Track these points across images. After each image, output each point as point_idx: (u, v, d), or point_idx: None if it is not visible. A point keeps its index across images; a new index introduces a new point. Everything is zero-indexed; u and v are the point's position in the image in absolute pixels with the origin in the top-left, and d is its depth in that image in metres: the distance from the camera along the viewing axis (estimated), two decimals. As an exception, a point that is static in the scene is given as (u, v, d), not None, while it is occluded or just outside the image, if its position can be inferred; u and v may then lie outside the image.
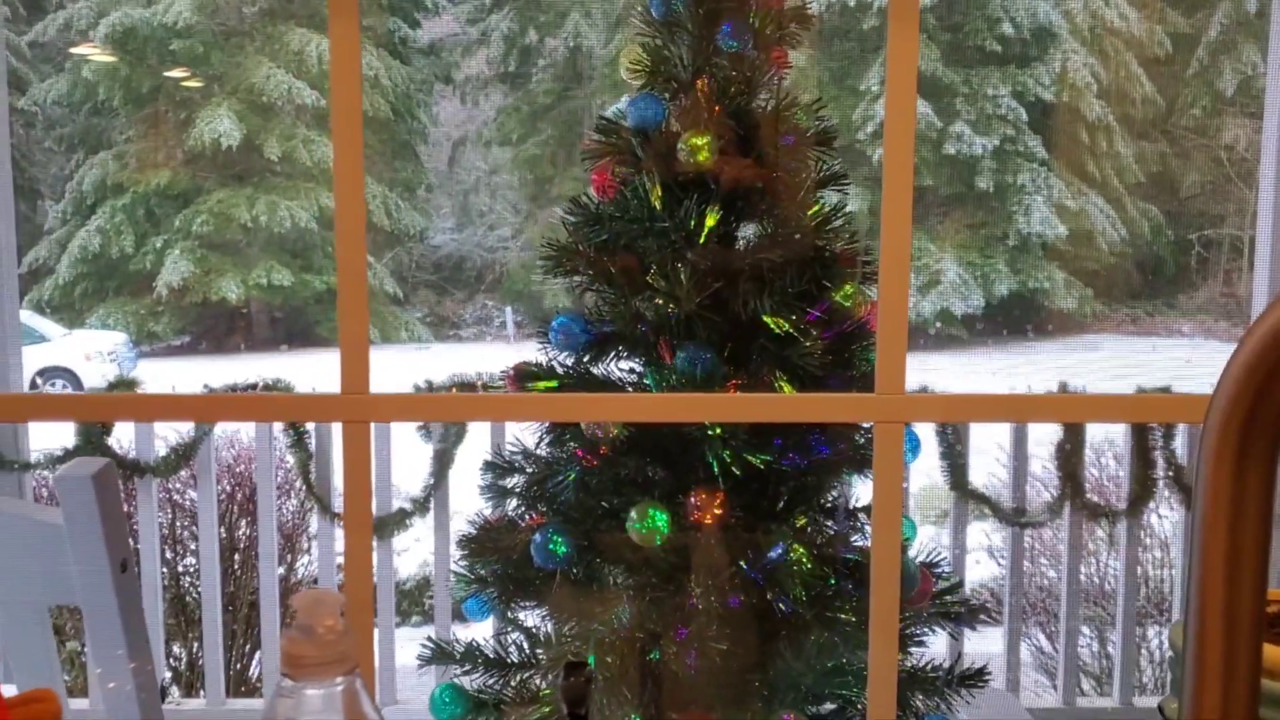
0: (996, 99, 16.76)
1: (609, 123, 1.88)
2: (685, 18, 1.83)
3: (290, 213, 18.68)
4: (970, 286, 17.00)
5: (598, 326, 1.81)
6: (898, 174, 0.57)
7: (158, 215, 18.93)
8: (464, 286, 24.44)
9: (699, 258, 1.72)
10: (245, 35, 18.99)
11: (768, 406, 0.88)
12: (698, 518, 1.68)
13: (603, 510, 1.76)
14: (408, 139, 22.08)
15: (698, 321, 1.71)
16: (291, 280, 19.14)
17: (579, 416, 0.92)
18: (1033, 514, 4.23)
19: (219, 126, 18.01)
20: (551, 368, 1.86)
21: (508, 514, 1.89)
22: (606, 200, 1.87)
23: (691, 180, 1.76)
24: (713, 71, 1.79)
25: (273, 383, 4.16)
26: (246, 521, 4.76)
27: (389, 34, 21.14)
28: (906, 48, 0.60)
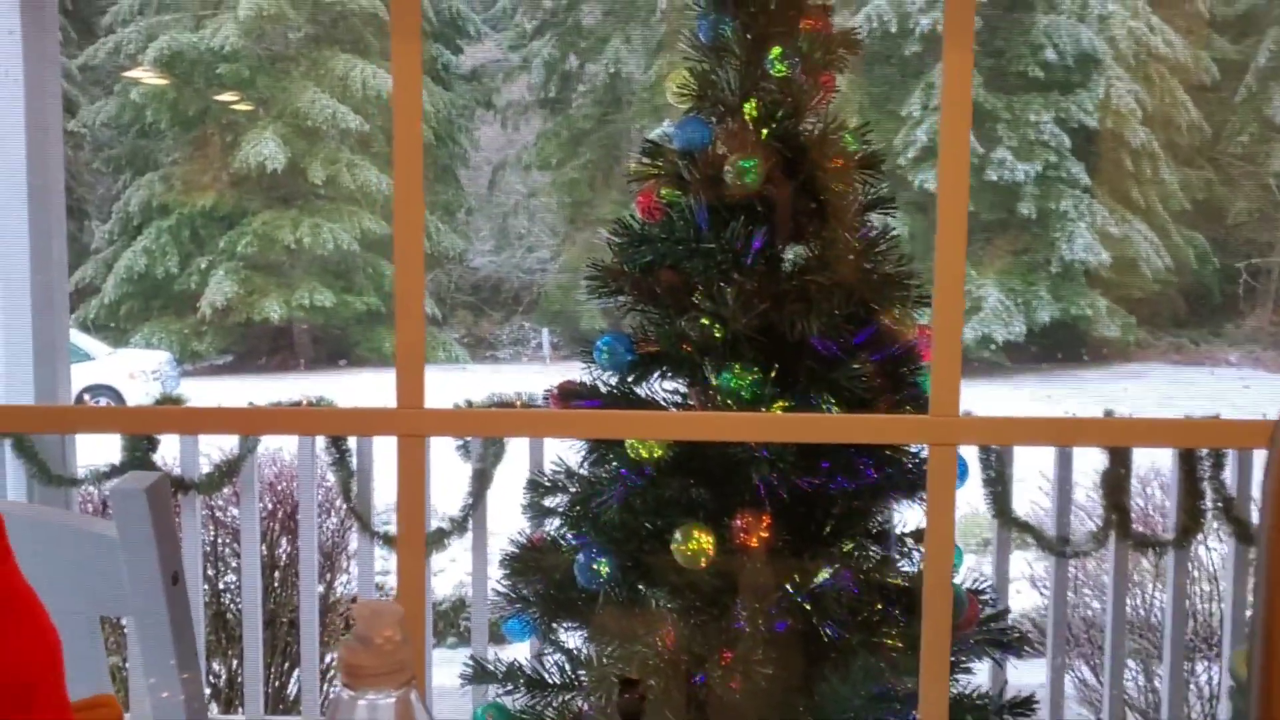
0: (1039, 125, 16.66)
1: (655, 145, 1.89)
2: (733, 42, 1.84)
3: (333, 235, 18.89)
4: (1012, 313, 16.87)
5: (643, 346, 1.82)
6: (953, 184, 0.56)
7: (203, 236, 19.20)
8: (501, 308, 24.59)
9: (745, 279, 1.73)
10: (291, 60, 19.27)
11: (820, 427, 0.88)
12: (743, 540, 1.68)
13: (646, 531, 1.75)
14: (449, 163, 22.29)
15: (744, 342, 1.71)
16: (333, 301, 19.34)
17: (631, 433, 0.92)
18: (1077, 543, 4.16)
19: (264, 150, 18.26)
20: (595, 387, 1.87)
21: (550, 534, 1.89)
22: (651, 222, 1.87)
23: (738, 202, 1.76)
24: (760, 95, 1.80)
25: (316, 401, 4.19)
26: (288, 539, 4.79)
27: (432, 60, 21.37)
28: (961, 66, 0.59)
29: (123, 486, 1.26)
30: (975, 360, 16.91)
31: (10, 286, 3.37)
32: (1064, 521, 4.23)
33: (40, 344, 3.39)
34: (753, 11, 1.83)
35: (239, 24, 18.06)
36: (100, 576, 1.31)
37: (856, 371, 1.74)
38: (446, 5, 21.34)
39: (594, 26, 22.10)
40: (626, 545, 1.76)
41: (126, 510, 1.22)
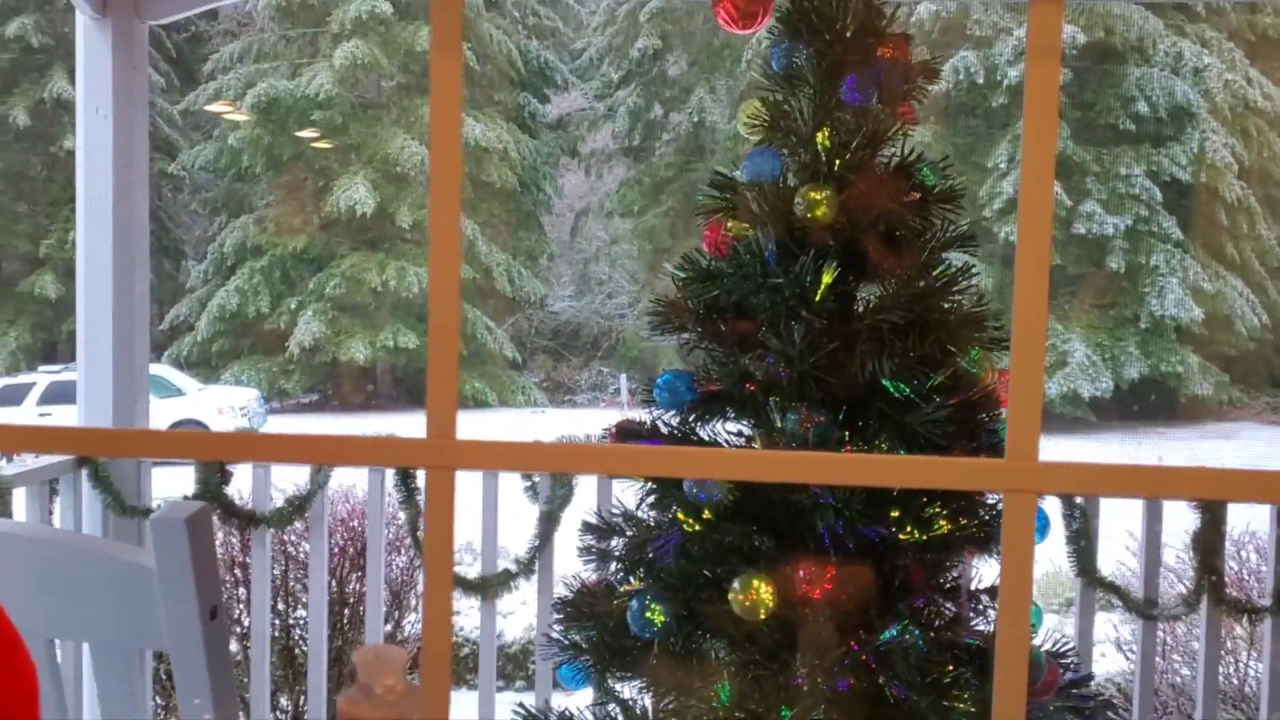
0: (1130, 178, 16.34)
1: (724, 178, 1.83)
2: (807, 70, 1.78)
3: (418, 278, 19.19)
4: (1099, 369, 16.46)
5: (704, 385, 1.75)
6: (1035, 205, 0.53)
7: (293, 277, 19.67)
8: (580, 353, 24.69)
9: (814, 317, 1.65)
10: (382, 107, 19.73)
11: (886, 469, 0.83)
12: (805, 591, 1.59)
13: (705, 579, 1.67)
14: (532, 209, 22.56)
15: (810, 383, 1.63)
16: (417, 343, 19.61)
17: (676, 471, 0.89)
18: (1166, 606, 3.96)
19: (354, 194, 18.68)
20: (656, 427, 1.80)
21: (606, 578, 1.81)
22: (718, 257, 1.81)
23: (808, 237, 1.69)
24: (834, 125, 1.73)
25: (388, 437, 4.14)
26: (357, 576, 4.78)
27: (519, 109, 21.72)
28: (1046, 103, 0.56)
29: (163, 516, 1.22)
30: (1060, 415, 16.51)
31: (93, 319, 3.41)
32: (1153, 582, 4.03)
33: (120, 376, 3.42)
34: (828, 39, 1.77)
35: (334, 72, 18.57)
36: (139, 608, 1.27)
37: (931, 416, 1.65)
38: (535, 56, 21.71)
39: (679, 76, 22.30)
40: (683, 593, 1.67)
41: (165, 540, 1.18)
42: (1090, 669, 4.00)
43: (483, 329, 20.42)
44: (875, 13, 1.73)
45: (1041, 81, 0.83)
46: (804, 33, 1.74)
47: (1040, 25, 0.91)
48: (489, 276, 21.11)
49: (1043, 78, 0.84)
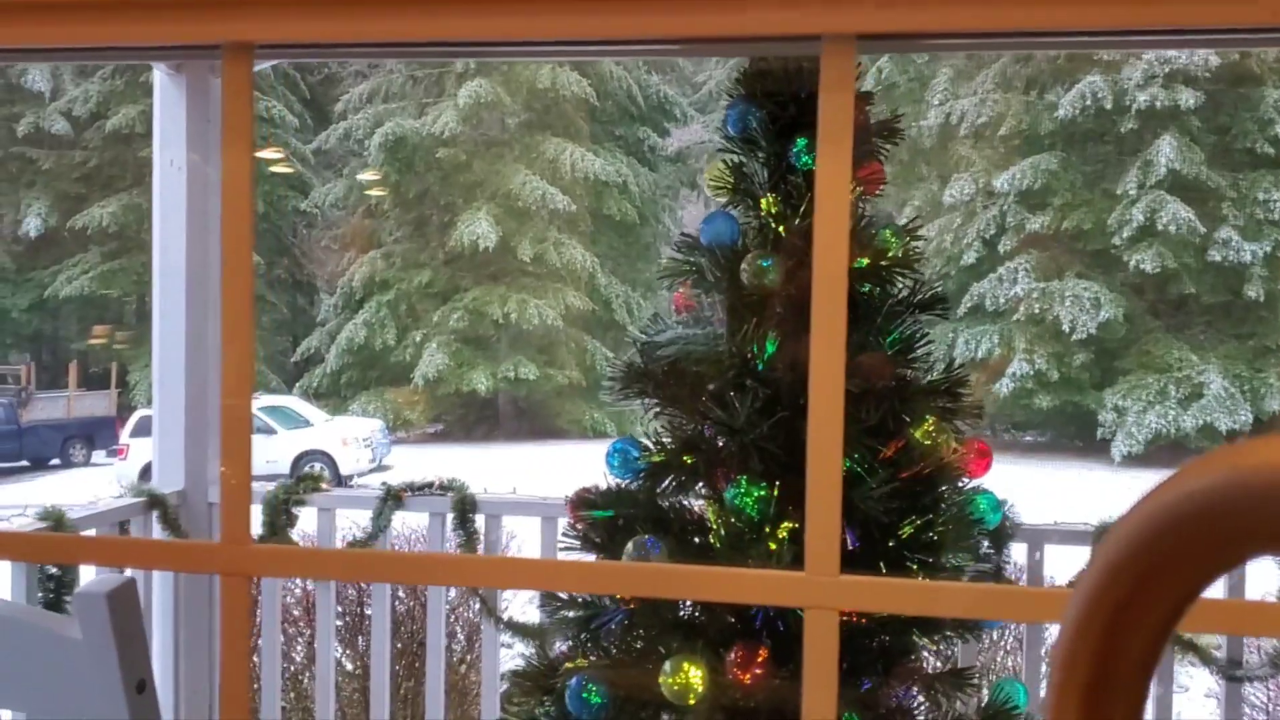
0: (1268, 203, 15.57)
1: (689, 240, 1.80)
2: (760, 135, 1.74)
3: (539, 311, 19.52)
4: (1237, 400, 15.68)
5: (650, 455, 1.71)
6: (827, 322, 0.49)
7: (418, 311, 20.21)
8: (702, 385, 24.63)
9: (760, 385, 1.60)
10: (505, 144, 20.18)
11: (691, 581, 0.79)
12: (737, 676, 1.53)
13: (656, 655, 1.62)
14: (651, 241, 22.71)
15: (754, 453, 1.58)
16: (536, 374, 19.90)
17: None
18: (1251, 666, 3.72)
19: (477, 229, 19.12)
20: (613, 494, 1.76)
21: (559, 651, 1.79)
22: (681, 320, 1.78)
23: (758, 302, 1.65)
24: (786, 189, 1.68)
25: (448, 483, 4.21)
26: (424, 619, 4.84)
27: (639, 142, 21.95)
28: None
29: (85, 590, 1.25)
30: (1197, 450, 15.75)
31: (166, 365, 3.54)
32: (1237, 640, 3.79)
33: (192, 419, 3.53)
34: (781, 101, 1.73)
35: (458, 110, 19.08)
36: (69, 680, 1.30)
37: (875, 492, 1.58)
38: (655, 90, 21.92)
39: (799, 107, 22.17)
40: (627, 669, 1.64)
41: (87, 614, 1.21)
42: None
43: (601, 360, 20.60)
44: (831, 73, 1.69)
45: (831, 170, 0.81)
46: (758, 95, 1.71)
47: (831, 114, 0.88)
48: (609, 308, 21.31)
49: (833, 169, 0.82)
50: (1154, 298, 17.69)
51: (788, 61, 1.71)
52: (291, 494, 3.86)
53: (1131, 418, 16.58)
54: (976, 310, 16.97)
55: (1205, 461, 0.56)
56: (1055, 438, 17.80)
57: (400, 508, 4.06)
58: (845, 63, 0.61)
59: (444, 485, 4.14)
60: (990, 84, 17.49)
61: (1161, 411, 16.56)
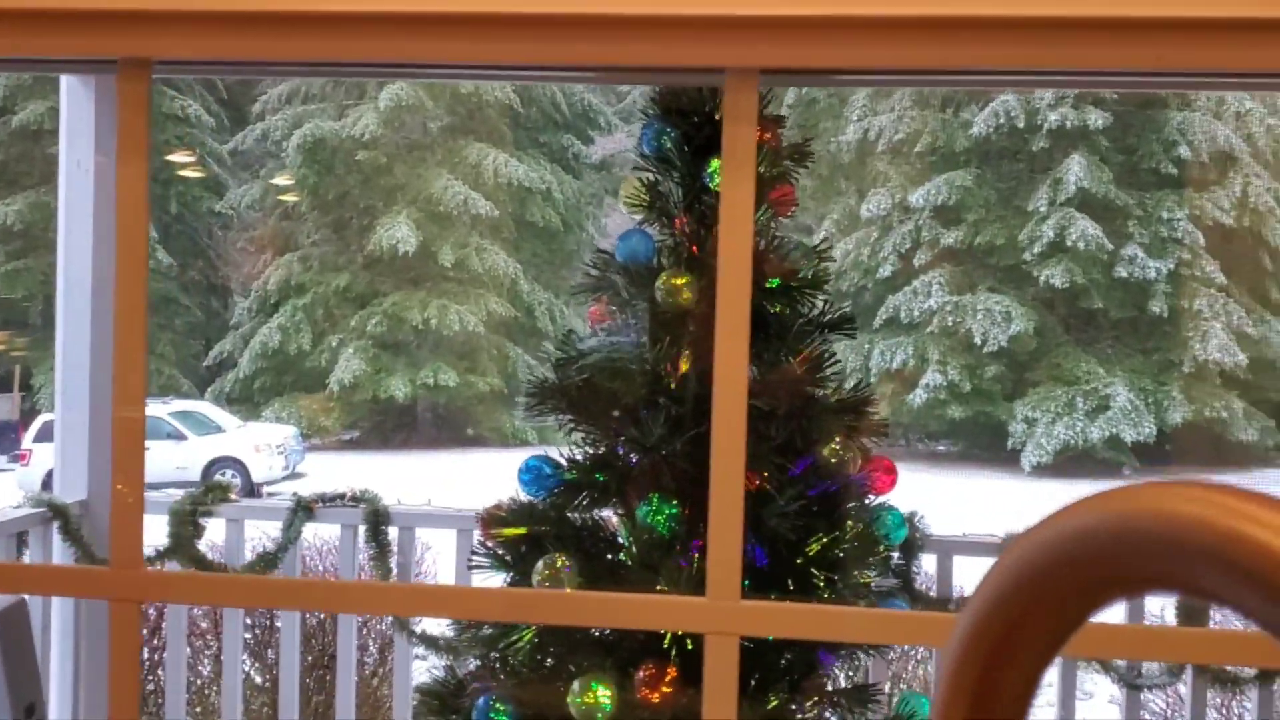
0: (1172, 222, 16.09)
1: (605, 256, 1.81)
2: (674, 154, 1.75)
3: (460, 316, 19.34)
4: (1142, 413, 16.14)
5: (564, 472, 1.71)
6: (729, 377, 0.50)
7: (335, 315, 19.89)
8: (624, 393, 24.63)
9: (673, 403, 1.62)
10: (427, 149, 19.98)
11: (594, 607, 0.80)
12: (645, 695, 1.54)
13: (564, 674, 1.62)
14: (575, 249, 22.66)
15: (665, 471, 1.60)
16: (456, 381, 19.70)
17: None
18: (1150, 676, 3.84)
19: (397, 233, 18.89)
20: (527, 511, 1.76)
21: (471, 669, 1.77)
22: (595, 337, 1.79)
23: (672, 320, 1.66)
24: (701, 209, 1.70)
25: (361, 493, 4.16)
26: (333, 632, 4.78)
27: (563, 149, 21.90)
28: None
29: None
30: (1103, 460, 16.20)
31: (70, 368, 3.44)
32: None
33: (96, 434, 3.44)
34: (695, 121, 1.75)
35: (379, 113, 18.86)
36: None
37: (783, 509, 1.60)
38: (579, 98, 21.90)
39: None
40: (538, 690, 1.63)
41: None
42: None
43: (523, 367, 20.49)
44: (745, 96, 1.72)
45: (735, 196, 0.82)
46: (672, 115, 1.72)
47: (734, 144, 0.90)
48: (531, 315, 21.24)
49: (737, 197, 0.83)
50: (1063, 312, 18.14)
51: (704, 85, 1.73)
52: (199, 504, 3.78)
53: (1041, 428, 16.98)
54: (892, 322, 17.26)
55: (1081, 504, 0.58)
56: (967, 447, 18.15)
57: (311, 519, 3.99)
58: (748, 95, 0.62)
59: (356, 497, 4.08)
60: (908, 101, 17.81)
61: (1069, 423, 16.99)
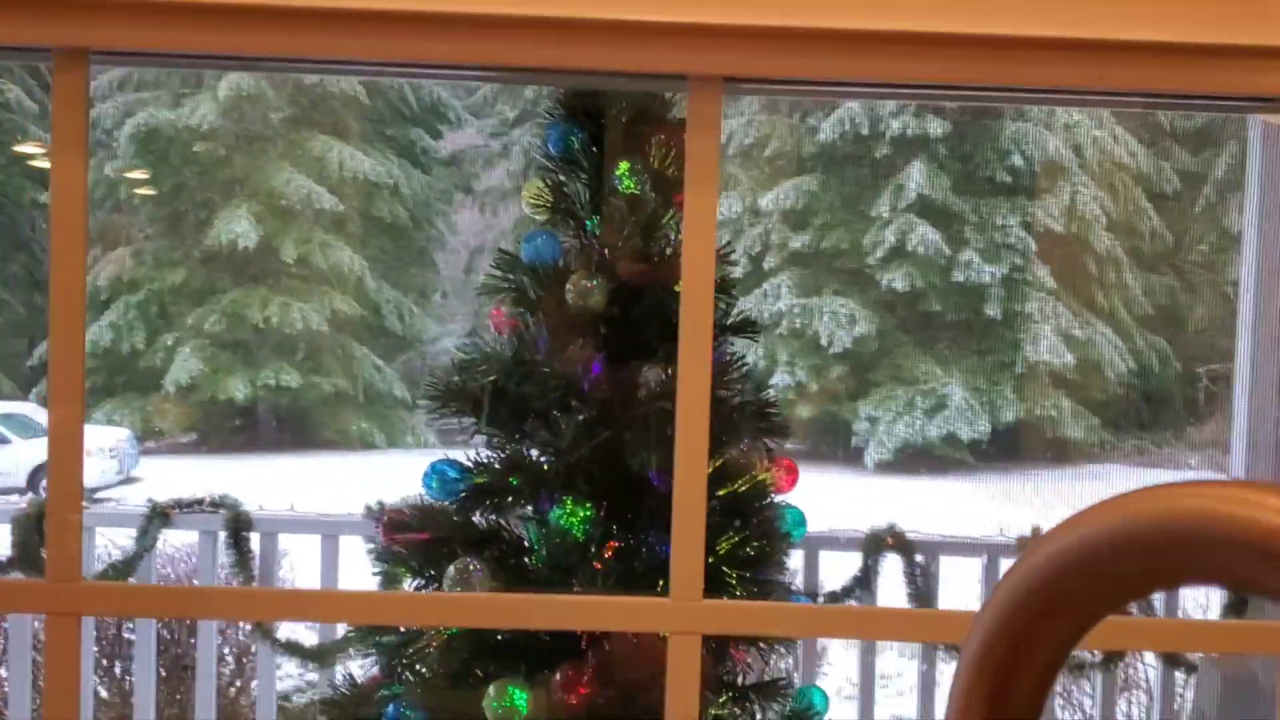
0: (1006, 229, 16.85)
1: (508, 257, 1.79)
2: (581, 155, 1.76)
3: (303, 314, 18.78)
4: (977, 411, 16.87)
5: (474, 475, 1.69)
6: (692, 380, 0.50)
7: (171, 313, 19.07)
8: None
9: (584, 406, 1.62)
10: (268, 140, 19.35)
11: (550, 610, 0.80)
12: (561, 697, 1.54)
13: (475, 678, 1.60)
14: (425, 246, 22.30)
15: (579, 474, 1.60)
16: (299, 382, 19.14)
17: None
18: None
19: (237, 228, 18.23)
20: (429, 515, 1.73)
21: (379, 676, 1.73)
22: (501, 339, 1.77)
23: (581, 323, 1.66)
24: (609, 211, 1.71)
25: (220, 498, 4.03)
26: (191, 643, 4.61)
27: (411, 143, 21.52)
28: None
29: None
30: (940, 457, 16.88)
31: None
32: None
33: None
34: (602, 123, 1.75)
35: (218, 103, 18.17)
36: None
37: (695, 509, 1.63)
38: (427, 92, 21.56)
39: (574, 117, 22.37)
40: (448, 694, 1.61)
41: None
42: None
43: (370, 368, 20.08)
44: (654, 99, 1.73)
45: (698, 205, 0.83)
46: (580, 115, 1.72)
47: (697, 152, 0.91)
48: (378, 314, 20.82)
49: (700, 205, 0.84)
50: (904, 315, 18.81)
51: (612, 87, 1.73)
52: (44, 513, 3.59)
53: (883, 427, 17.58)
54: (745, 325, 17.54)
55: (1101, 508, 0.60)
56: (815, 445, 18.67)
57: (168, 525, 3.83)
58: (712, 104, 0.63)
59: (215, 502, 3.94)
60: (757, 106, 18.19)
61: (909, 421, 17.63)
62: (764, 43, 0.82)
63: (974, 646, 0.57)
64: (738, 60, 0.84)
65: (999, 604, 0.57)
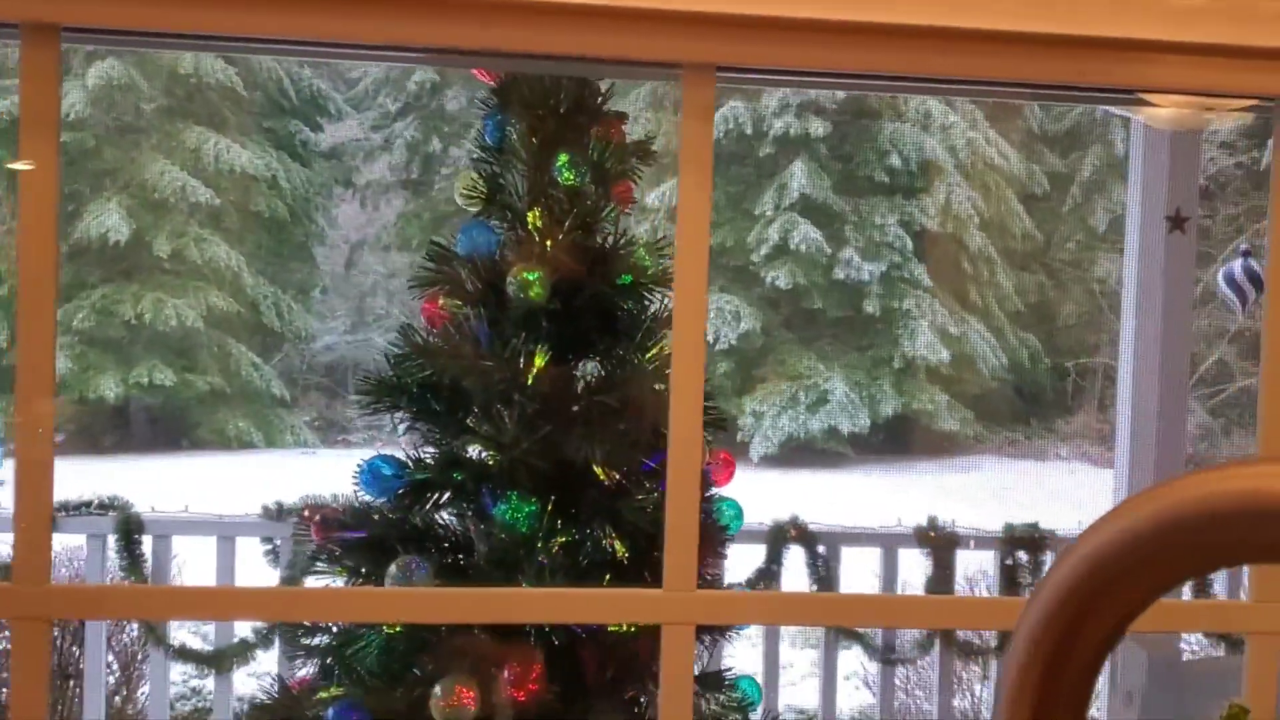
0: (884, 228, 17.28)
1: (442, 249, 1.77)
2: (520, 145, 1.75)
3: (177, 311, 18.18)
4: (857, 405, 17.26)
5: (413, 472, 1.67)
6: (686, 375, 0.51)
7: (35, 309, 18.23)
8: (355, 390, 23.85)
9: (527, 400, 1.61)
10: (141, 132, 18.67)
11: (545, 604, 0.79)
12: (511, 693, 1.52)
13: (414, 679, 1.57)
14: (304, 240, 21.79)
15: (523, 469, 1.58)
16: (174, 380, 18.53)
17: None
18: (902, 651, 4.15)
19: (107, 221, 17.55)
20: (365, 513, 1.70)
21: (310, 679, 1.69)
22: (435, 332, 1.74)
23: (523, 316, 1.65)
24: (549, 204, 1.70)
25: (110, 500, 3.89)
26: (78, 649, 4.43)
27: (290, 136, 21.01)
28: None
29: None
30: (822, 451, 17.23)
31: None
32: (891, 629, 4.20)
33: None
34: (540, 114, 1.74)
35: (87, 92, 17.47)
36: None
37: (640, 503, 1.63)
38: (308, 84, 21.07)
39: (457, 112, 22.12)
40: (389, 696, 1.58)
41: None
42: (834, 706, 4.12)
43: (248, 365, 19.55)
44: (589, 90, 1.72)
45: (692, 196, 0.84)
46: (516, 106, 1.71)
47: (691, 141, 0.92)
48: (256, 310, 20.29)
49: (694, 195, 0.84)
50: (787, 312, 19.11)
51: (545, 76, 1.71)
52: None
53: (767, 421, 17.84)
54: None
55: (1140, 498, 0.62)
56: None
57: (53, 528, 3.68)
58: (705, 92, 0.63)
59: (105, 504, 3.82)
60: (642, 103, 18.26)
61: (793, 415, 17.93)
62: (758, 32, 0.83)
63: (1023, 642, 0.59)
64: (731, 49, 0.84)
65: (1047, 599, 0.58)
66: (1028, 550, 4.25)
